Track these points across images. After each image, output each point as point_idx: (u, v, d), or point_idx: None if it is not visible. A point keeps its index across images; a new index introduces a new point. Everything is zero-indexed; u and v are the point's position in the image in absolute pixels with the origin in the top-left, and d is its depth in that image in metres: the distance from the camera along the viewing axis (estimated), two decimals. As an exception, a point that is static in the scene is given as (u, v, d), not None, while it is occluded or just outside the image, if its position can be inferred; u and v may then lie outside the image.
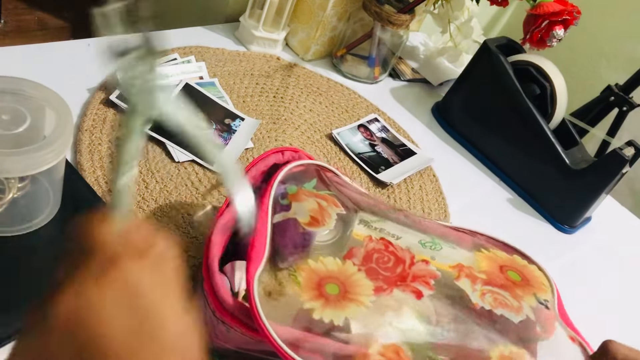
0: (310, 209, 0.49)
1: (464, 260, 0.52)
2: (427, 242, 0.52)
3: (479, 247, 0.54)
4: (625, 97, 0.89)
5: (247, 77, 0.86)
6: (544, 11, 0.82)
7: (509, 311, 0.48)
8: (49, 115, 0.46)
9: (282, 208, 0.49)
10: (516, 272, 0.53)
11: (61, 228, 0.48)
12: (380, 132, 0.88)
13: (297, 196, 0.50)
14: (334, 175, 0.55)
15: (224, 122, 0.74)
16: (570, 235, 0.88)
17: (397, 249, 0.49)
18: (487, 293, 0.49)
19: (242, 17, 0.91)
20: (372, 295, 0.45)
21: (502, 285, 0.50)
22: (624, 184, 1.15)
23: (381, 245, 0.49)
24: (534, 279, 0.53)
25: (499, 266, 0.52)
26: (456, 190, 0.85)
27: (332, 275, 0.46)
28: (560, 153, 0.84)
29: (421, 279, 0.47)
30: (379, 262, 0.48)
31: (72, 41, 0.77)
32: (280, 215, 0.49)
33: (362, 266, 0.47)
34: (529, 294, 0.51)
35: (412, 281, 0.47)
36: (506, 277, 0.51)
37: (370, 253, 0.48)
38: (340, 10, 0.93)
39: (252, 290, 0.42)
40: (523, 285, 0.51)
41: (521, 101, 0.86)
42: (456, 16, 1.01)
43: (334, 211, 0.50)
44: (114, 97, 0.69)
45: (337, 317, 0.43)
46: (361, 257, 0.48)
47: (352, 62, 0.98)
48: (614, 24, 1.33)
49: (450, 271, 0.49)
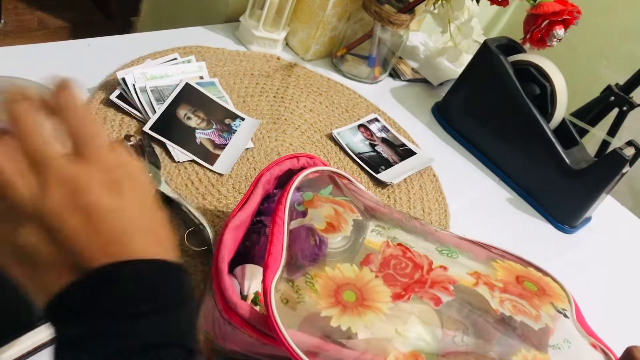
0: (326, 215, 0.49)
1: (481, 269, 0.51)
2: (444, 250, 0.51)
3: (494, 259, 0.54)
4: (625, 97, 0.89)
5: (247, 77, 0.86)
6: (544, 11, 0.82)
7: (529, 319, 0.47)
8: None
9: (298, 214, 0.49)
10: (532, 283, 0.52)
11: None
12: (381, 132, 0.88)
13: (313, 202, 0.50)
14: (349, 183, 0.55)
15: (224, 122, 0.74)
16: (570, 235, 0.88)
17: (415, 255, 0.49)
18: (505, 300, 0.48)
19: (242, 17, 0.91)
20: (389, 302, 0.44)
21: (520, 294, 0.49)
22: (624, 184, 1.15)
23: (399, 251, 0.49)
24: (551, 289, 0.52)
25: (515, 276, 0.52)
26: (456, 190, 0.85)
27: (350, 282, 0.45)
28: (560, 153, 0.84)
29: (440, 285, 0.47)
30: (396, 268, 0.47)
31: (72, 41, 0.77)
32: (297, 222, 0.48)
33: (380, 272, 0.47)
34: (547, 303, 0.50)
35: (430, 287, 0.46)
36: (523, 287, 0.51)
37: (387, 259, 0.48)
38: (340, 10, 0.93)
39: (270, 298, 0.41)
40: (540, 295, 0.51)
41: (521, 101, 0.86)
42: (456, 16, 1.01)
43: (350, 217, 0.50)
44: (114, 97, 0.69)
45: (355, 325, 0.42)
46: (378, 264, 0.47)
47: (352, 62, 0.98)
48: (614, 24, 1.33)
49: (468, 278, 0.49)
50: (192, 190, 0.65)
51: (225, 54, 0.87)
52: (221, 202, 0.65)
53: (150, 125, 0.68)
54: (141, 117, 0.69)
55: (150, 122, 0.68)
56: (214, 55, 0.86)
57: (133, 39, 0.82)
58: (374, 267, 0.47)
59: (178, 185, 0.65)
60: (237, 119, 0.76)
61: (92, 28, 1.59)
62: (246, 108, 0.80)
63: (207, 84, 0.78)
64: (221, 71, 0.84)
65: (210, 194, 0.66)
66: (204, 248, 0.59)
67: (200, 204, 0.64)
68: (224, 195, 0.66)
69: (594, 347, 0.49)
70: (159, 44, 0.82)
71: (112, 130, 0.66)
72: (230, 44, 0.91)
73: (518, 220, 0.86)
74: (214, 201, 0.65)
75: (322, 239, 0.48)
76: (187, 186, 0.65)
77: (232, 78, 0.84)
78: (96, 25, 1.61)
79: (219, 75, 0.83)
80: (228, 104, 0.77)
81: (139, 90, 0.70)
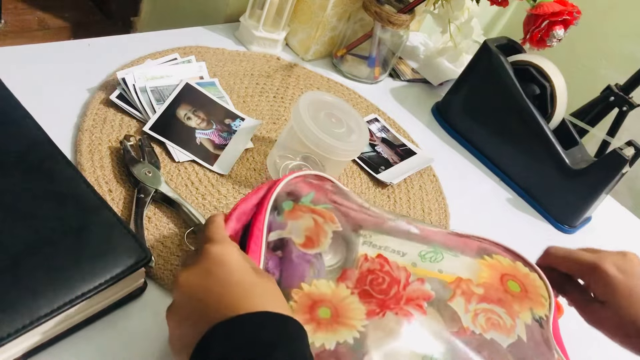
0: (305, 228, 0.48)
1: (465, 270, 0.51)
2: (428, 253, 0.51)
3: (482, 254, 0.54)
4: (625, 97, 0.89)
5: (247, 77, 0.86)
6: (544, 11, 0.82)
7: (500, 333, 0.48)
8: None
9: (277, 226, 0.48)
10: (517, 283, 0.52)
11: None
12: (380, 132, 0.88)
13: (293, 213, 0.49)
14: (333, 186, 0.54)
15: (224, 122, 0.74)
16: (570, 235, 0.88)
17: (393, 267, 0.49)
18: (480, 313, 0.48)
19: (242, 17, 0.91)
20: (364, 319, 0.45)
21: (499, 300, 0.50)
22: (624, 184, 1.15)
23: (377, 265, 0.48)
24: (534, 290, 0.53)
25: (500, 275, 0.52)
26: (456, 190, 0.85)
27: (325, 299, 0.45)
28: (560, 153, 0.84)
29: (414, 302, 0.47)
30: (372, 284, 0.47)
31: (72, 41, 0.77)
32: (276, 233, 0.48)
33: (356, 289, 0.47)
34: (526, 309, 0.51)
35: (405, 304, 0.47)
36: (505, 288, 0.51)
37: (364, 274, 0.48)
38: (340, 10, 0.93)
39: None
40: (521, 299, 0.51)
41: (521, 101, 0.86)
42: (456, 16, 1.02)
43: (330, 228, 0.49)
44: (114, 97, 0.69)
45: (328, 341, 0.42)
46: (355, 279, 0.47)
47: (352, 62, 0.98)
48: (614, 24, 1.33)
49: (445, 291, 0.49)
50: (192, 190, 0.65)
51: (225, 54, 0.88)
52: (221, 202, 0.65)
53: (150, 126, 0.68)
54: (141, 117, 0.69)
55: (150, 122, 0.68)
56: (214, 55, 0.86)
57: (133, 39, 0.82)
58: (350, 283, 0.47)
59: (178, 185, 0.65)
60: (237, 119, 0.76)
61: (92, 28, 1.59)
62: (246, 108, 0.80)
63: (207, 84, 0.78)
64: (221, 71, 0.84)
65: (210, 194, 0.66)
66: None
67: (200, 204, 0.64)
68: (224, 196, 0.66)
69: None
70: (159, 44, 0.82)
71: (112, 130, 0.66)
72: (230, 44, 0.91)
73: (518, 220, 0.86)
74: (214, 201, 0.65)
75: (318, 258, 0.47)
76: (187, 186, 0.65)
77: (232, 78, 0.84)
78: (96, 25, 1.61)
79: (219, 75, 0.83)
80: (228, 104, 0.77)
81: (139, 90, 0.70)
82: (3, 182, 0.48)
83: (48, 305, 0.42)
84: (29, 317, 0.41)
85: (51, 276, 0.44)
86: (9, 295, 0.42)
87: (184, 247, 0.58)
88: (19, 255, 0.44)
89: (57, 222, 0.47)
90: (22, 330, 0.41)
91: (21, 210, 0.47)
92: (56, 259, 0.45)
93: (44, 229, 0.46)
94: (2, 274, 0.42)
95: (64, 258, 0.45)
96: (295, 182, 0.52)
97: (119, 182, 0.61)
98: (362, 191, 0.77)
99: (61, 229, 0.47)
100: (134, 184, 0.61)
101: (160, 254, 0.57)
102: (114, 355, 0.48)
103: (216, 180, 0.67)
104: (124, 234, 0.49)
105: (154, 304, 0.53)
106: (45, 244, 0.45)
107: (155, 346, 0.50)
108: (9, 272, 0.43)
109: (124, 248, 0.48)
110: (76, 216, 0.48)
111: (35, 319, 0.42)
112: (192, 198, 0.64)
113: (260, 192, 0.50)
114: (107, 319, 0.50)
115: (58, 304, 0.43)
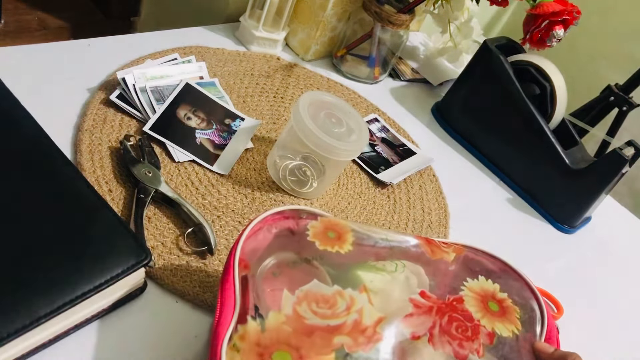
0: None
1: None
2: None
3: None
4: (625, 97, 0.89)
5: (247, 77, 0.86)
6: (544, 11, 0.82)
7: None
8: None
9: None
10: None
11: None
12: (380, 132, 0.88)
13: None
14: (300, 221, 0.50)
15: (224, 122, 0.74)
16: (570, 235, 0.88)
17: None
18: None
19: (242, 17, 0.91)
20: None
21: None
22: (624, 184, 1.15)
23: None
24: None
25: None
26: (456, 190, 0.85)
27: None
28: (560, 153, 0.84)
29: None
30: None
31: (72, 41, 0.77)
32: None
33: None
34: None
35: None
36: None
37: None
38: (340, 10, 0.93)
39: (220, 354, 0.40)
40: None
41: (521, 101, 0.86)
42: (456, 16, 1.02)
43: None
44: (114, 97, 0.69)
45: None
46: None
47: (352, 62, 0.98)
48: (614, 24, 1.33)
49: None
50: (192, 190, 0.65)
51: (225, 54, 0.88)
52: (221, 202, 0.65)
53: (150, 126, 0.68)
54: (141, 117, 0.69)
55: (150, 122, 0.68)
56: (214, 55, 0.86)
57: (133, 39, 0.82)
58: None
59: (178, 185, 0.65)
60: (237, 119, 0.76)
61: (92, 28, 1.59)
62: (246, 108, 0.80)
63: (207, 84, 0.78)
64: (221, 71, 0.84)
65: (210, 194, 0.66)
66: (203, 248, 0.59)
67: (200, 204, 0.64)
68: (223, 196, 0.66)
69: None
70: (159, 44, 0.82)
71: (112, 130, 0.66)
72: (230, 44, 0.91)
73: (518, 220, 0.86)
74: (214, 201, 0.65)
75: None
76: (187, 186, 0.65)
77: (232, 78, 0.84)
78: (96, 25, 1.61)
79: (219, 75, 0.83)
80: (228, 104, 0.77)
81: (139, 90, 0.70)
82: (3, 182, 0.48)
83: (48, 305, 0.42)
84: (29, 317, 0.41)
85: (51, 276, 0.44)
86: (9, 295, 0.42)
87: (184, 247, 0.58)
88: (19, 255, 0.44)
89: (57, 222, 0.47)
90: (22, 330, 0.41)
91: (21, 210, 0.47)
92: (56, 259, 0.45)
93: (43, 229, 0.46)
94: (2, 274, 0.42)
95: (63, 258, 0.45)
96: (252, 235, 0.48)
97: (119, 182, 0.61)
98: (362, 191, 0.77)
99: (61, 229, 0.47)
100: (134, 184, 0.61)
101: (160, 254, 0.57)
102: (114, 355, 0.48)
103: (216, 180, 0.67)
104: (124, 234, 0.49)
105: (154, 304, 0.53)
106: (45, 244, 0.45)
107: (155, 346, 0.50)
108: (8, 272, 0.43)
109: (124, 248, 0.48)
110: (76, 216, 0.48)
111: (35, 319, 0.42)
112: (192, 198, 0.64)
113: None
114: (107, 319, 0.50)
115: (58, 304, 0.43)
